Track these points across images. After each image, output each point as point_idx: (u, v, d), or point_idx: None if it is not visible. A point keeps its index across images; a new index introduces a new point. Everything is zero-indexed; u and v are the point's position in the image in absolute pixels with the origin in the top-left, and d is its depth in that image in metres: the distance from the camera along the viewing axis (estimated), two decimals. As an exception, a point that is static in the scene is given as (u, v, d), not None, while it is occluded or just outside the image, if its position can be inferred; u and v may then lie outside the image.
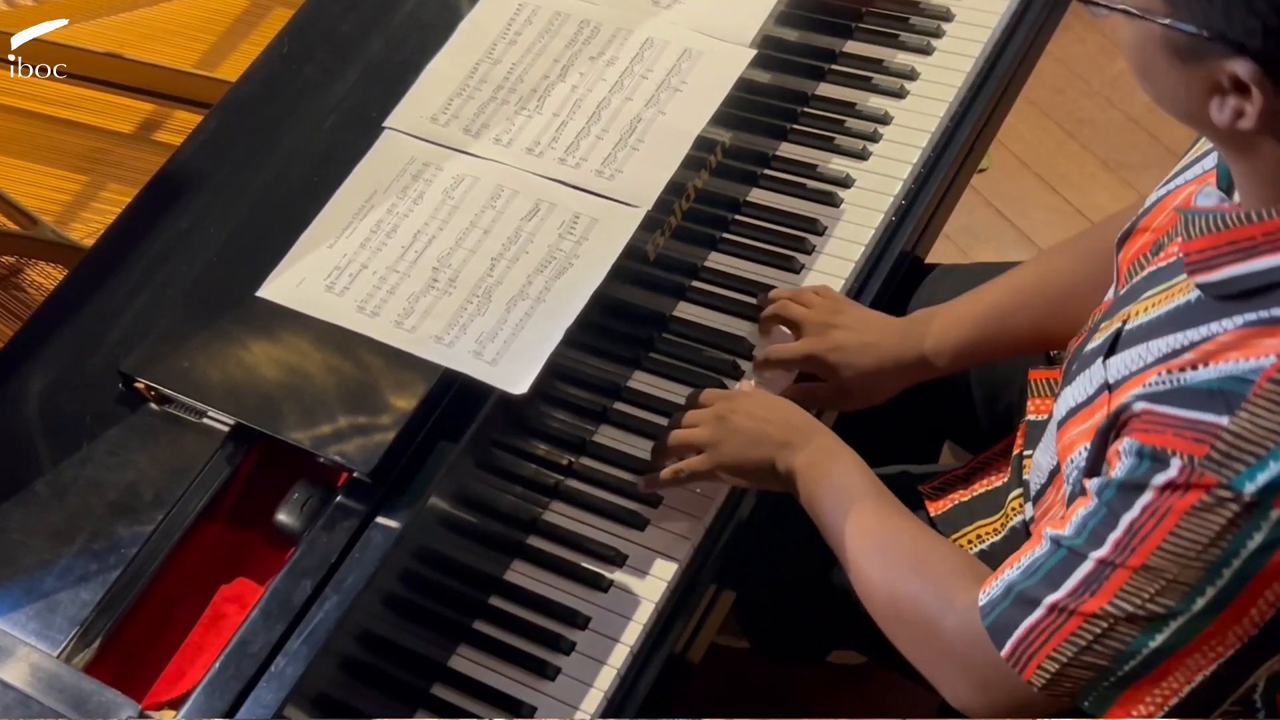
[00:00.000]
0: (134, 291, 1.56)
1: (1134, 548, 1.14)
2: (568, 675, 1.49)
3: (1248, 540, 1.09)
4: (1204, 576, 1.11)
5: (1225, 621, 1.13)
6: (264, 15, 2.03)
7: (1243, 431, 1.08)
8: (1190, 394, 1.12)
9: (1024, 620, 1.22)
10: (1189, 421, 1.11)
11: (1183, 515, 1.11)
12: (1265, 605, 1.12)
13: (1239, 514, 1.08)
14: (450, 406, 1.45)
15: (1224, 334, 1.13)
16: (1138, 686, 1.18)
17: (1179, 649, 1.15)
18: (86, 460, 1.45)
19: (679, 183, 1.64)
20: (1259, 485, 1.07)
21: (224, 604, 1.44)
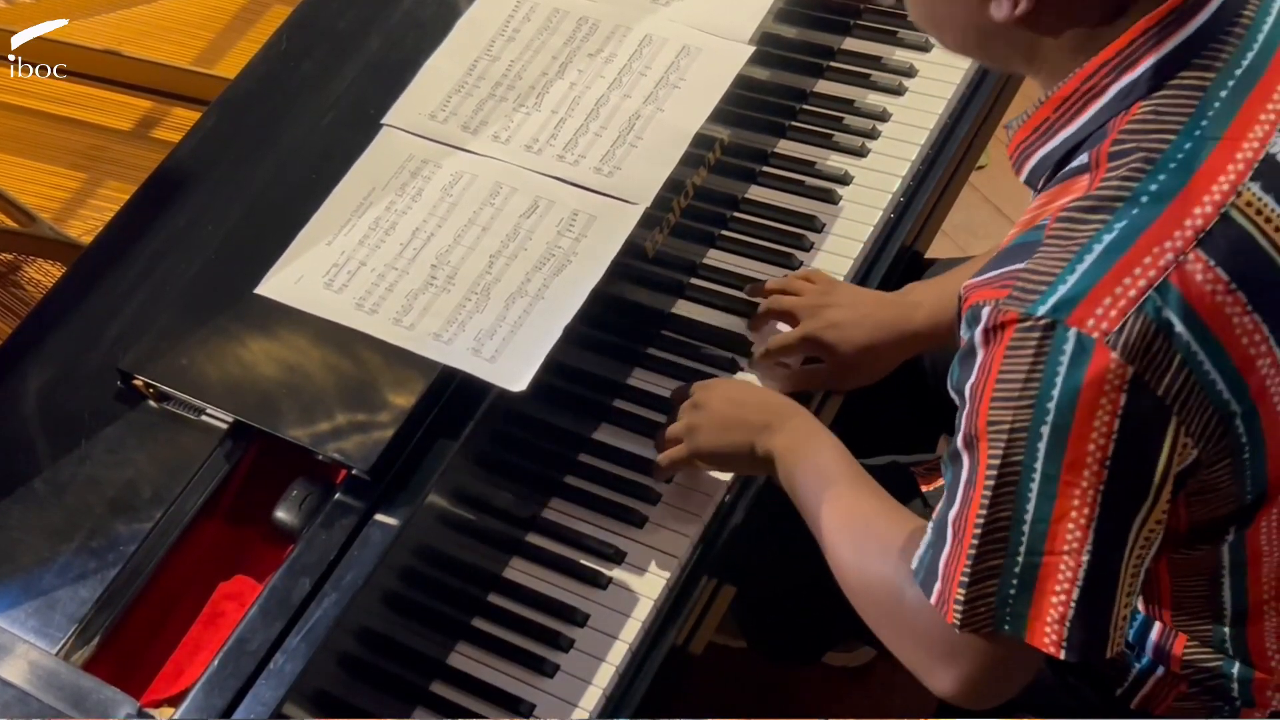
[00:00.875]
0: (132, 289, 1.56)
1: (976, 410, 1.16)
2: (567, 673, 1.49)
3: (1057, 365, 1.11)
4: (1034, 415, 1.12)
5: (1072, 466, 1.13)
6: (262, 12, 2.03)
7: (1037, 267, 1.13)
8: (1000, 256, 1.18)
9: (940, 557, 1.21)
10: (998, 275, 1.16)
11: (1002, 360, 1.13)
12: (1100, 439, 1.12)
13: (1042, 339, 1.11)
14: (449, 404, 1.45)
15: (1032, 204, 1.21)
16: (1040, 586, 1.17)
17: (1050, 518, 1.14)
18: (85, 458, 1.45)
19: (678, 180, 1.64)
20: (1049, 305, 1.11)
21: (222, 601, 1.44)
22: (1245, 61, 1.16)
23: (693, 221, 1.74)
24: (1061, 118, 1.22)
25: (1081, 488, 1.13)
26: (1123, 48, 1.17)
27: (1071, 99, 1.20)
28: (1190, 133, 1.14)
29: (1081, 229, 1.13)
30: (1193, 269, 1.11)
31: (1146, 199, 1.12)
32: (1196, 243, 1.11)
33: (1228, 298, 1.12)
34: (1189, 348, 1.11)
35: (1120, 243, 1.11)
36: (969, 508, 1.18)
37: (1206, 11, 1.16)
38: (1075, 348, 1.10)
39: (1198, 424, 1.14)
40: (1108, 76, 1.18)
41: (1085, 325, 1.10)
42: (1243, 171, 1.13)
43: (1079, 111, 1.20)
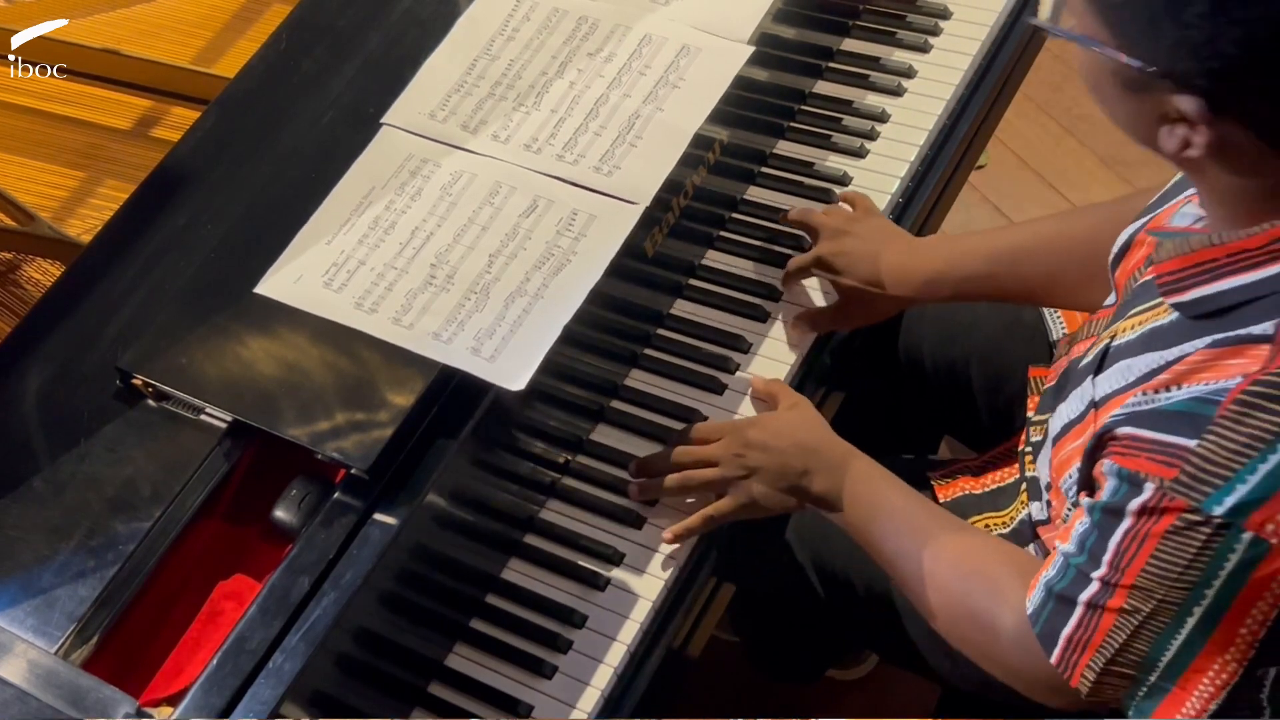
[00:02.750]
0: (131, 288, 1.56)
1: (1123, 569, 1.16)
2: (565, 674, 1.49)
3: (1224, 561, 1.10)
4: (1189, 597, 1.12)
5: (1220, 642, 1.14)
6: (262, 11, 2.03)
7: (1209, 454, 1.09)
8: (1163, 416, 1.14)
9: (1065, 626, 1.23)
10: (1161, 445, 1.13)
11: (1160, 539, 1.12)
12: (1255, 625, 1.13)
13: (1211, 536, 1.09)
14: (448, 403, 1.44)
15: (1194, 354, 1.15)
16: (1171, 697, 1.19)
17: (1189, 668, 1.16)
18: (84, 456, 1.45)
19: (677, 180, 1.64)
20: (1227, 507, 1.08)
21: (221, 600, 1.44)
22: None
23: (692, 222, 1.74)
24: (1235, 265, 1.15)
25: (1224, 658, 1.14)
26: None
27: (1253, 253, 1.14)
28: None
29: (1263, 420, 1.08)
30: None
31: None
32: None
33: None
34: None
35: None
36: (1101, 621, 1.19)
37: None
38: (1249, 550, 1.09)
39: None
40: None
41: (1264, 530, 1.08)
42: None
43: (1259, 266, 1.14)
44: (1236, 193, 1.16)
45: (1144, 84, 1.10)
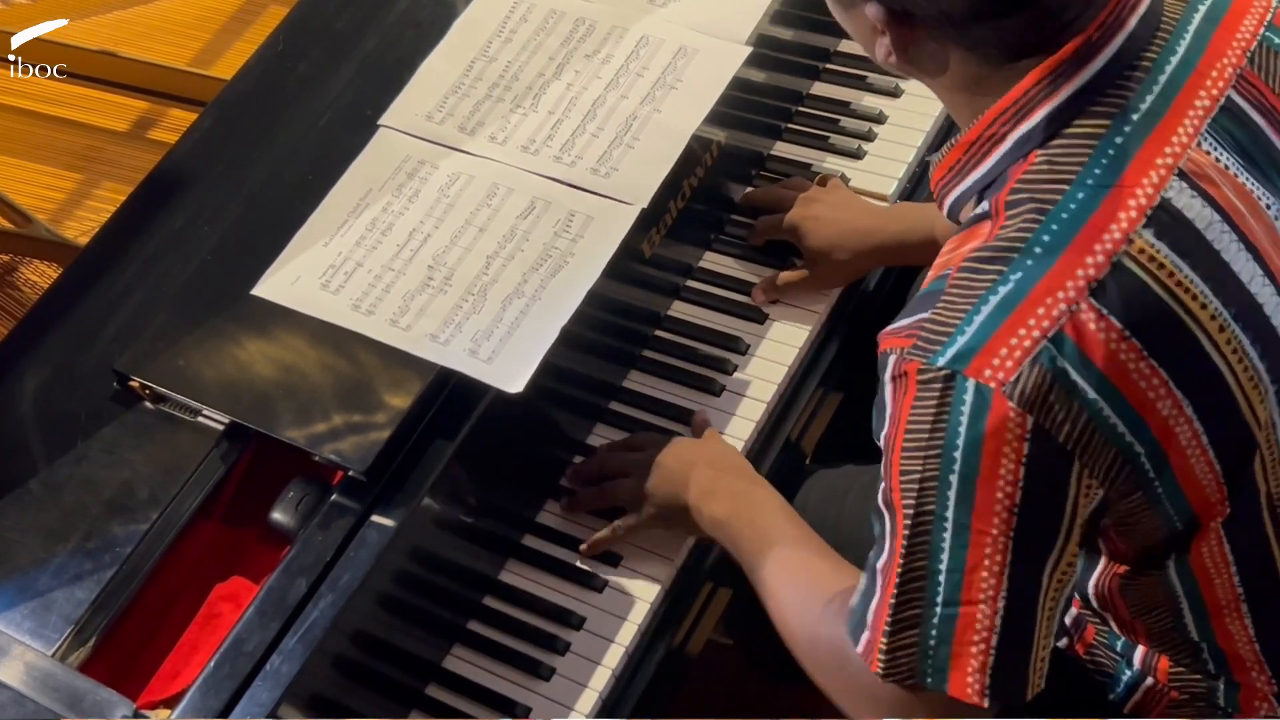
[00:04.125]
0: (128, 290, 1.55)
1: (890, 461, 1.17)
2: (562, 675, 1.49)
3: (960, 416, 1.11)
4: (941, 464, 1.13)
5: (982, 514, 1.13)
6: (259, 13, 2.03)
7: (938, 317, 1.14)
8: (911, 304, 1.19)
9: (869, 606, 1.21)
10: (906, 325, 1.17)
11: (909, 409, 1.14)
12: (1007, 486, 1.12)
13: (944, 389, 1.12)
14: (445, 405, 1.44)
15: (945, 247, 1.21)
16: (959, 637, 1.17)
17: (965, 568, 1.15)
18: (81, 458, 1.45)
19: (674, 181, 1.64)
20: (949, 356, 1.11)
21: (219, 603, 1.44)
22: (1144, 105, 1.16)
23: (689, 223, 1.74)
24: (970, 161, 1.23)
25: (992, 535, 1.14)
26: (1017, 97, 1.17)
27: (976, 144, 1.21)
28: (1083, 182, 1.14)
29: (979, 279, 1.13)
30: (1086, 318, 1.11)
31: (1040, 250, 1.12)
32: (1089, 292, 1.11)
33: (1122, 344, 1.12)
34: (1085, 395, 1.11)
35: (1015, 294, 1.12)
36: (892, 557, 1.18)
37: (1102, 58, 1.16)
38: (975, 398, 1.11)
39: (1100, 465, 1.14)
40: (1005, 125, 1.18)
41: (983, 376, 1.10)
42: (1135, 219, 1.13)
43: (984, 157, 1.21)
44: (954, 95, 1.24)
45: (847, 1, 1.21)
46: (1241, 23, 1.23)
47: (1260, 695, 1.34)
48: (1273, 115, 1.22)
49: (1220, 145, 1.18)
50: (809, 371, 1.72)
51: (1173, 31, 1.19)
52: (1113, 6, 1.16)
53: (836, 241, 1.72)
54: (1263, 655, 1.31)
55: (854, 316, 1.76)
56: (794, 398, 1.69)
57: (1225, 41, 1.21)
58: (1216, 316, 1.15)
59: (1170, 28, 1.20)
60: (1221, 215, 1.17)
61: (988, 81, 1.19)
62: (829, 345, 1.74)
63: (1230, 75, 1.20)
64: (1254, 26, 1.24)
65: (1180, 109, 1.17)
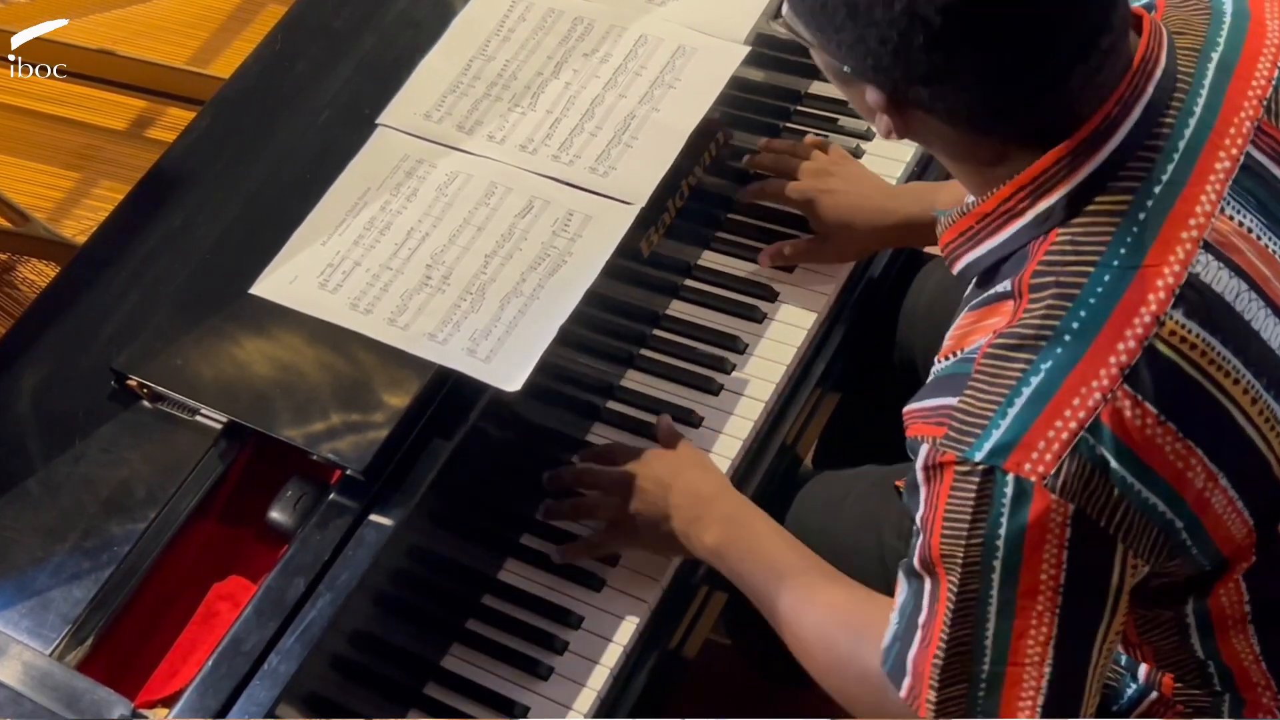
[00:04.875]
0: (126, 289, 1.55)
1: (929, 542, 1.17)
2: (561, 675, 1.49)
3: (1000, 507, 1.11)
4: (984, 552, 1.13)
5: (1027, 593, 1.14)
6: (257, 12, 2.03)
7: (969, 407, 1.13)
8: (935, 384, 1.18)
9: (908, 653, 1.23)
10: (933, 408, 1.16)
11: (947, 497, 1.14)
12: (1050, 569, 1.13)
13: (982, 483, 1.11)
14: (444, 404, 1.44)
15: (962, 319, 1.20)
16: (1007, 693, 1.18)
17: (1011, 635, 1.16)
18: (79, 458, 1.44)
19: (673, 180, 1.64)
20: (985, 452, 1.11)
21: (217, 602, 1.43)
22: (1165, 176, 1.14)
23: (687, 222, 1.74)
24: (984, 230, 1.21)
25: (1038, 610, 1.14)
26: (1036, 175, 1.15)
27: (992, 216, 1.19)
28: (1109, 264, 1.13)
29: (1009, 368, 1.12)
30: (1121, 406, 1.10)
31: (1069, 337, 1.11)
32: (1123, 379, 1.10)
33: (1159, 429, 1.11)
34: (1125, 480, 1.11)
35: (1049, 384, 1.11)
36: (934, 620, 1.19)
37: (1122, 132, 1.14)
38: (1015, 491, 1.10)
39: (1144, 545, 1.15)
40: (1024, 201, 1.16)
41: (1023, 470, 1.10)
42: (1164, 300, 1.12)
43: (1000, 228, 1.19)
44: (964, 168, 1.22)
45: (846, 78, 1.18)
46: (1255, 67, 1.21)
47: (1266, 710, 1.33)
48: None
49: (1243, 207, 1.17)
50: (807, 371, 1.72)
51: (1189, 90, 1.17)
52: (1131, 79, 1.14)
53: (849, 218, 1.73)
54: (1269, 672, 1.31)
55: (853, 317, 1.76)
56: (792, 397, 1.69)
57: (1241, 93, 1.20)
58: (1249, 390, 1.14)
59: (1186, 84, 1.18)
60: (1249, 283, 1.16)
61: (1004, 159, 1.18)
62: (828, 344, 1.74)
63: (1248, 130, 1.19)
64: (1268, 71, 1.22)
65: (1201, 175, 1.16)
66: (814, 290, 1.75)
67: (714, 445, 1.63)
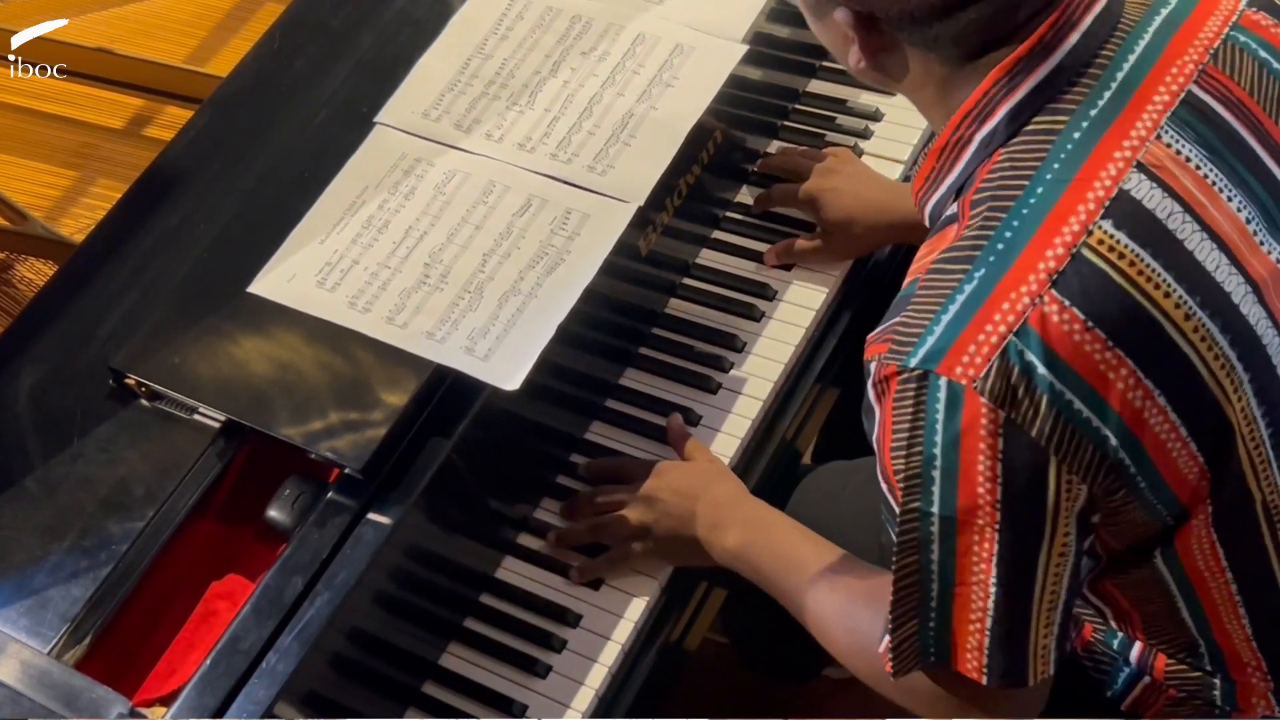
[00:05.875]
0: (124, 287, 1.55)
1: (883, 464, 1.19)
2: (559, 673, 1.49)
3: (935, 414, 1.13)
4: (923, 463, 1.14)
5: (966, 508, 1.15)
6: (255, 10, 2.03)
7: (909, 320, 1.16)
8: (890, 310, 1.21)
9: None
10: (882, 330, 1.19)
11: (891, 411, 1.16)
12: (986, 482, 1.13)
13: (918, 389, 1.13)
14: (442, 403, 1.44)
15: (919, 253, 1.23)
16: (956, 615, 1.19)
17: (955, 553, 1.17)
18: (77, 456, 1.44)
19: (671, 179, 1.64)
20: (920, 356, 1.13)
21: (215, 600, 1.43)
22: (1101, 100, 1.18)
23: (685, 221, 1.74)
24: (943, 167, 1.24)
25: (978, 526, 1.15)
26: (978, 98, 1.19)
27: (946, 149, 1.23)
28: (1042, 177, 1.15)
29: (945, 280, 1.15)
30: (1049, 311, 1.12)
31: (1002, 246, 1.14)
32: (1051, 284, 1.12)
33: (1086, 335, 1.12)
34: (1053, 388, 1.12)
35: (980, 291, 1.13)
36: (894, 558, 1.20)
37: (1059, 54, 1.18)
38: (948, 395, 1.12)
39: (1079, 462, 1.15)
40: (970, 126, 1.20)
41: (954, 373, 1.11)
42: (1093, 211, 1.14)
43: (955, 161, 1.23)
44: (925, 99, 1.25)
45: (820, 7, 1.22)
46: (1204, 25, 1.24)
47: (1258, 693, 1.34)
48: (1240, 108, 1.23)
49: (1181, 138, 1.19)
50: (805, 369, 1.72)
51: (1130, 32, 1.21)
52: (1065, 4, 1.18)
53: (853, 215, 1.74)
54: (1260, 653, 1.31)
55: (851, 314, 1.76)
56: (791, 394, 1.69)
57: (1186, 42, 1.23)
58: (1181, 305, 1.15)
59: (1129, 28, 1.21)
60: (1182, 205, 1.17)
61: (951, 82, 1.21)
62: (826, 342, 1.74)
63: (1191, 71, 1.21)
64: (1217, 27, 1.25)
65: (1139, 104, 1.19)
66: (812, 288, 1.75)
67: (712, 444, 1.63)
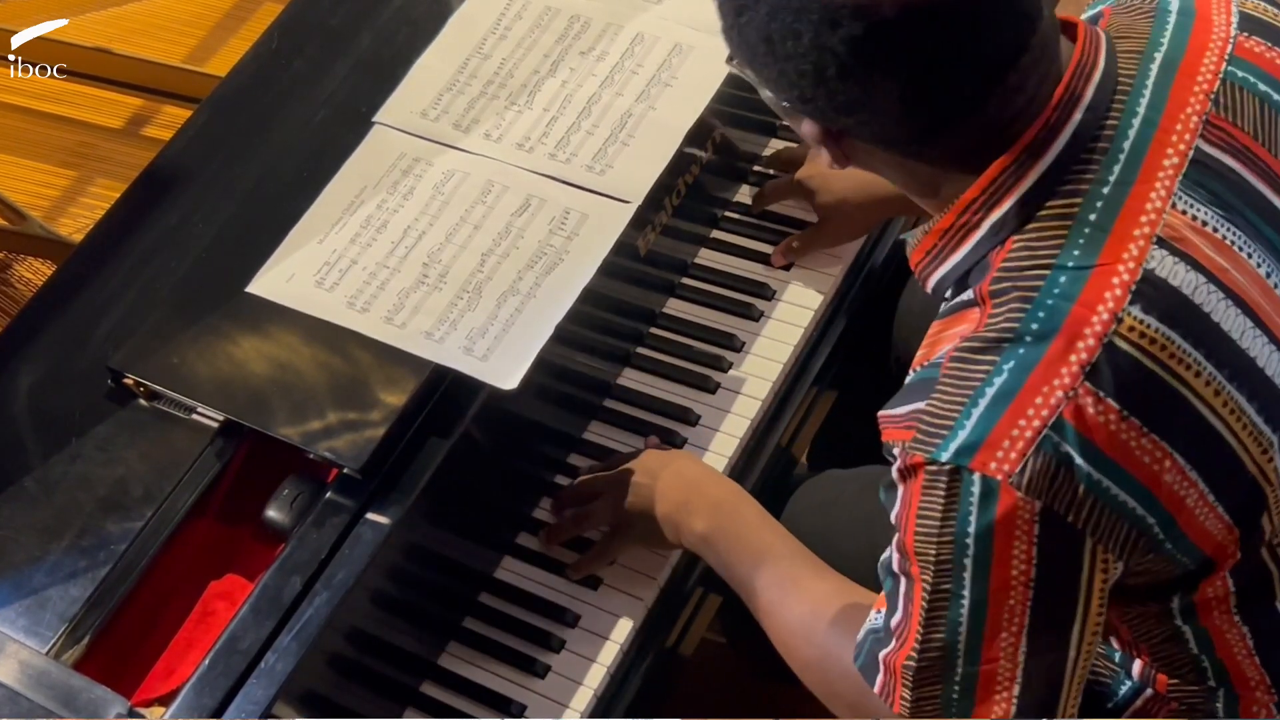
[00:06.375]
0: (123, 287, 1.55)
1: (903, 540, 1.18)
2: (558, 673, 1.49)
3: (969, 506, 1.12)
4: (955, 551, 1.14)
5: (998, 590, 1.14)
6: (253, 10, 2.03)
7: (935, 410, 1.14)
8: (907, 390, 1.19)
9: (880, 652, 1.23)
10: (903, 415, 1.17)
11: (919, 497, 1.15)
12: (1021, 564, 1.13)
13: (950, 483, 1.12)
14: (440, 402, 1.44)
15: (932, 328, 1.21)
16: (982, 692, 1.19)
17: (984, 634, 1.16)
18: (75, 456, 1.44)
19: (669, 179, 1.64)
20: (951, 452, 1.12)
21: (213, 600, 1.43)
22: (1112, 177, 1.15)
23: (684, 220, 1.74)
24: (947, 246, 1.22)
25: (1010, 606, 1.15)
26: (985, 185, 1.16)
27: (950, 231, 1.20)
28: (1063, 265, 1.13)
29: (973, 370, 1.13)
30: (1084, 403, 1.11)
31: (1030, 338, 1.12)
32: (1084, 376, 1.11)
33: (1122, 425, 1.12)
34: (1090, 477, 1.11)
35: (1011, 384, 1.11)
36: (910, 620, 1.19)
37: (1063, 137, 1.15)
38: (982, 490, 1.11)
39: (1115, 540, 1.15)
40: (977, 214, 1.17)
41: (988, 469, 1.11)
42: (1121, 297, 1.12)
43: (960, 242, 1.20)
44: (912, 189, 1.24)
45: (786, 112, 1.20)
46: (1200, 64, 1.21)
47: (1261, 705, 1.34)
48: (1246, 156, 1.20)
49: (1196, 201, 1.17)
50: (804, 369, 1.72)
51: (1130, 90, 1.18)
52: (1066, 84, 1.15)
53: (845, 195, 1.75)
54: (1263, 667, 1.31)
55: (848, 316, 1.76)
56: (789, 395, 1.69)
57: (1186, 89, 1.20)
58: (1211, 382, 1.14)
59: (1128, 86, 1.18)
60: (1206, 276, 1.15)
61: (942, 179, 1.19)
62: (824, 343, 1.74)
63: (1195, 125, 1.18)
64: (1215, 64, 1.22)
65: (1149, 173, 1.16)
66: (810, 289, 1.76)
67: (711, 443, 1.63)
